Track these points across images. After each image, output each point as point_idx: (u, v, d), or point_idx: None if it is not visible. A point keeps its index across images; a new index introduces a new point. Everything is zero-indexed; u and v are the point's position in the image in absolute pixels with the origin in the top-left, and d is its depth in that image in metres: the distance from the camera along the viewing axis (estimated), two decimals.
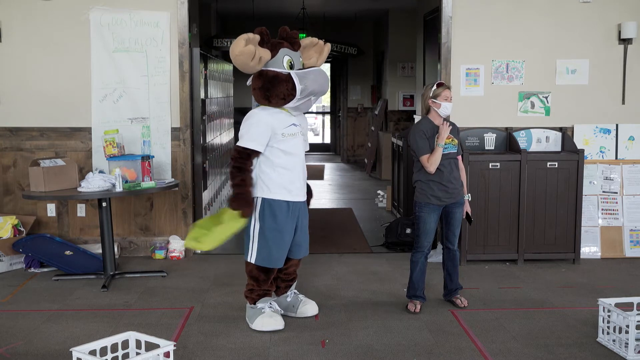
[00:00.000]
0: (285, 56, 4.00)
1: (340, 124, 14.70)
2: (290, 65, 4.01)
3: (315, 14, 11.82)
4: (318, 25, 12.41)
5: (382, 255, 6.00)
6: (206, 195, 6.45)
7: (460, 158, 4.49)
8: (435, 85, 4.36)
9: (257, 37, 3.90)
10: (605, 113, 5.95)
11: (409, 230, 6.09)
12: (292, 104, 3.99)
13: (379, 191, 8.86)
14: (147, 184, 5.10)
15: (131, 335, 3.30)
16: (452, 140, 4.36)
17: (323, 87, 4.03)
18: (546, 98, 5.90)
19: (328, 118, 16.14)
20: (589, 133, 5.92)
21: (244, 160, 3.98)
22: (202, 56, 6.42)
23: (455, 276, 4.56)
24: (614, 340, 3.75)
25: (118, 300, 4.65)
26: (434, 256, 5.39)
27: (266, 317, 4.04)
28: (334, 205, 8.93)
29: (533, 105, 5.90)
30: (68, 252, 5.50)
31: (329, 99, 15.75)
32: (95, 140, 5.72)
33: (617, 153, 5.94)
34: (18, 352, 3.72)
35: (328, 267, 5.54)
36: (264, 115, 3.99)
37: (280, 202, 4.02)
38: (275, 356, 3.68)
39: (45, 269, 5.37)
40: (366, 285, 5.04)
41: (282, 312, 4.23)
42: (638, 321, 3.61)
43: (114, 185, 5.01)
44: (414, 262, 4.41)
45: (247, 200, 3.97)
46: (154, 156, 5.54)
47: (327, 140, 16.18)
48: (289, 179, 4.05)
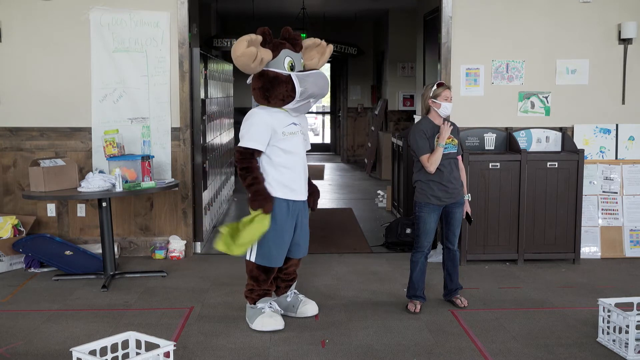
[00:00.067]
0: (286, 57, 3.99)
1: (340, 124, 14.69)
2: (291, 66, 4.01)
3: (315, 14, 11.82)
4: (318, 25, 12.40)
5: (382, 255, 6.00)
6: (206, 195, 6.45)
7: (460, 158, 4.49)
8: (435, 85, 4.36)
9: (260, 38, 3.89)
10: (605, 113, 5.95)
11: (409, 230, 6.09)
12: (291, 106, 3.99)
13: (379, 191, 8.86)
14: (147, 184, 5.10)
15: (131, 335, 3.30)
16: (452, 140, 4.36)
17: (323, 90, 4.03)
18: (546, 98, 5.90)
19: (328, 118, 16.14)
20: (589, 133, 5.92)
21: (248, 160, 3.97)
22: (202, 56, 6.42)
23: (455, 276, 4.56)
24: (614, 340, 3.75)
25: (118, 300, 4.65)
26: (434, 256, 5.39)
27: (266, 317, 4.04)
28: (334, 205, 8.93)
29: (533, 105, 5.90)
30: (68, 252, 5.50)
31: (329, 99, 15.74)
32: (95, 140, 5.72)
33: (617, 153, 5.94)
34: (18, 352, 3.72)
35: (328, 267, 5.54)
36: (263, 115, 3.99)
37: (280, 201, 4.02)
38: (275, 356, 3.68)
39: (45, 269, 5.37)
40: (366, 285, 5.04)
41: (282, 312, 4.23)
42: (638, 321, 3.61)
43: (114, 185, 5.01)
44: (414, 262, 4.41)
45: (265, 195, 3.95)
46: (154, 156, 5.54)
47: (327, 140, 16.17)
48: (290, 178, 4.04)
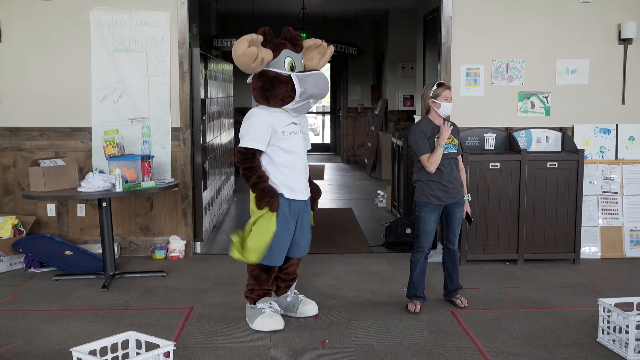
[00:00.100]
0: (287, 57, 3.99)
1: (340, 124, 14.69)
2: (292, 67, 4.01)
3: (315, 14, 11.81)
4: (318, 25, 12.40)
5: (382, 255, 6.00)
6: (206, 195, 6.45)
7: (460, 158, 4.49)
8: (435, 85, 4.36)
9: (260, 38, 3.89)
10: (605, 113, 5.95)
11: (409, 230, 6.09)
12: (291, 106, 3.98)
13: (379, 191, 8.86)
14: (147, 184, 5.10)
15: (131, 335, 3.30)
16: (452, 140, 4.36)
17: (323, 91, 4.03)
18: (546, 98, 5.90)
19: (328, 118, 16.13)
20: (589, 133, 5.92)
21: (250, 159, 3.97)
22: (202, 56, 6.42)
23: (455, 276, 4.56)
24: (614, 340, 3.75)
25: (118, 300, 4.65)
26: (434, 256, 5.39)
27: (266, 317, 4.04)
28: (334, 205, 8.92)
29: (533, 105, 5.90)
30: (68, 252, 5.50)
31: (329, 99, 15.73)
32: (95, 140, 5.72)
33: (617, 153, 5.93)
34: (18, 352, 3.72)
35: (328, 267, 5.54)
36: (263, 114, 3.99)
37: (281, 201, 4.02)
38: (275, 356, 3.68)
39: (45, 269, 5.37)
40: (366, 285, 5.04)
41: (282, 312, 4.23)
42: (638, 321, 3.61)
43: (114, 185, 5.01)
44: (414, 262, 4.41)
45: (271, 193, 3.95)
46: (154, 156, 5.54)
47: (327, 140, 16.17)
48: (291, 177, 4.04)
